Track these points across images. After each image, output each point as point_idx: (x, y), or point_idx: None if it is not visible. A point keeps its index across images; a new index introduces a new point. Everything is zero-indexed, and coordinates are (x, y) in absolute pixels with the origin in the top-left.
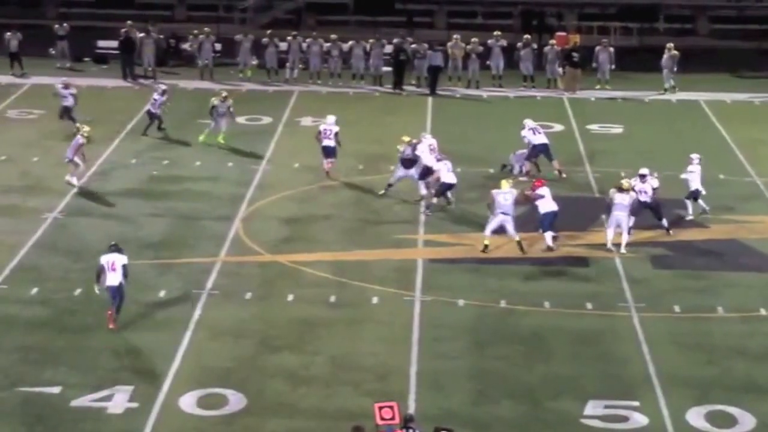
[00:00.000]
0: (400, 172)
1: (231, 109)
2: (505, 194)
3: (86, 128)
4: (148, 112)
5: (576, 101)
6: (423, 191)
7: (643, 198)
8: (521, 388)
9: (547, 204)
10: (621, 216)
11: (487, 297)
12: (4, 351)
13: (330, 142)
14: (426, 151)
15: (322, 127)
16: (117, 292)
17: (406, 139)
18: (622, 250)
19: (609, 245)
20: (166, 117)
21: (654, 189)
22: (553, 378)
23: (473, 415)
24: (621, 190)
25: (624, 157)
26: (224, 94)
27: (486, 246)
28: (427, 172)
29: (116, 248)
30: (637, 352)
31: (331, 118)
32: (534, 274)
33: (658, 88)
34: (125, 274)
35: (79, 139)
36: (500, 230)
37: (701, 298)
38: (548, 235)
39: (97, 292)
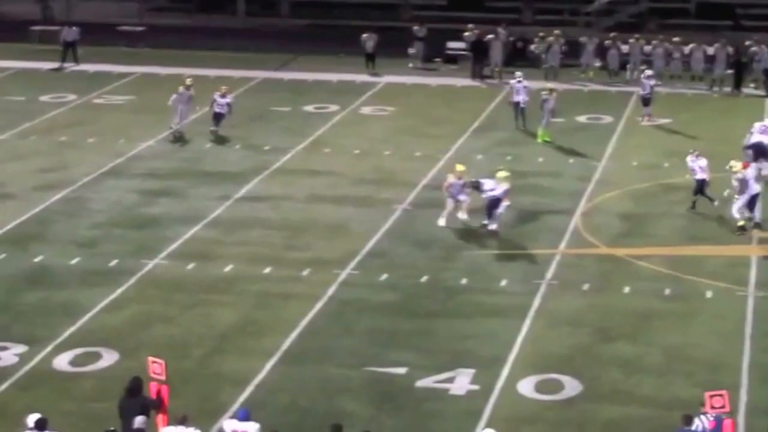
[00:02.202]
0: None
1: (555, 104)
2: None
3: (459, 167)
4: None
5: None
6: None
7: None
8: None
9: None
10: None
11: None
12: (355, 333)
13: (645, 93)
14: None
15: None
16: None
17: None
18: None
19: None
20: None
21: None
22: None
23: None
24: None
25: None
26: (550, 86)
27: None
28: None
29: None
30: None
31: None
32: None
33: None
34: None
35: (450, 178)
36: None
37: None
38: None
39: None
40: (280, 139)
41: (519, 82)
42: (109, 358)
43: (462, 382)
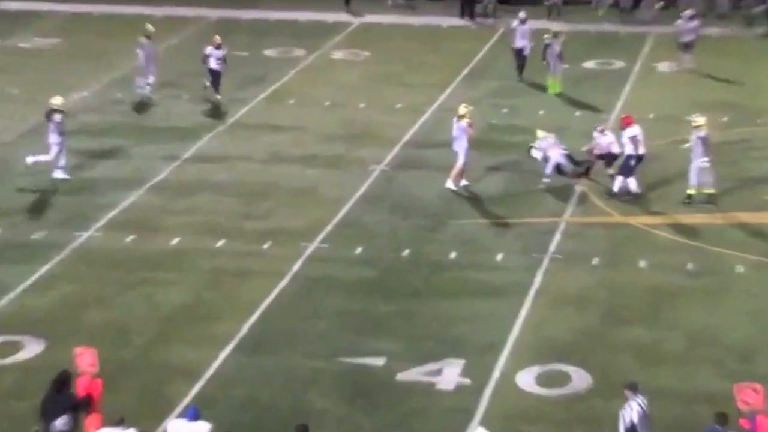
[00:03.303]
0: None
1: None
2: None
3: (464, 108)
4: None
5: None
6: None
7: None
8: None
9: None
10: None
11: None
12: (325, 316)
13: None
14: None
15: None
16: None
17: None
18: None
19: None
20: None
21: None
22: None
23: None
24: None
25: None
26: (555, 28)
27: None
28: None
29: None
30: None
31: None
32: None
33: None
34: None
35: (463, 124)
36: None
37: None
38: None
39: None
40: (237, 88)
41: (522, 23)
42: (33, 347)
43: (451, 375)
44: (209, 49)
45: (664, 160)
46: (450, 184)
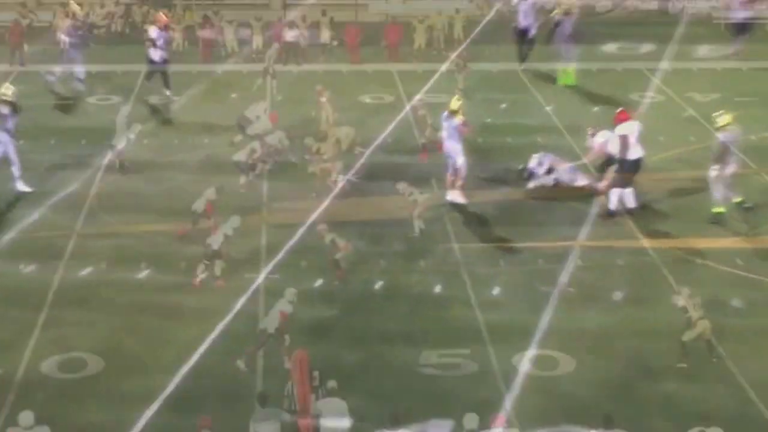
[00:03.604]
0: None
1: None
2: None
3: (457, 102)
4: None
5: None
6: None
7: None
8: None
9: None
10: None
11: None
12: (276, 366)
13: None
14: None
15: None
16: None
17: None
18: None
19: None
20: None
21: None
22: None
23: None
24: None
25: None
26: (567, 4)
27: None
28: None
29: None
30: None
31: None
32: None
33: None
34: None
35: (456, 122)
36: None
37: None
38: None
39: None
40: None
41: None
42: None
43: None
44: (154, 32)
45: (702, 169)
46: (455, 196)
